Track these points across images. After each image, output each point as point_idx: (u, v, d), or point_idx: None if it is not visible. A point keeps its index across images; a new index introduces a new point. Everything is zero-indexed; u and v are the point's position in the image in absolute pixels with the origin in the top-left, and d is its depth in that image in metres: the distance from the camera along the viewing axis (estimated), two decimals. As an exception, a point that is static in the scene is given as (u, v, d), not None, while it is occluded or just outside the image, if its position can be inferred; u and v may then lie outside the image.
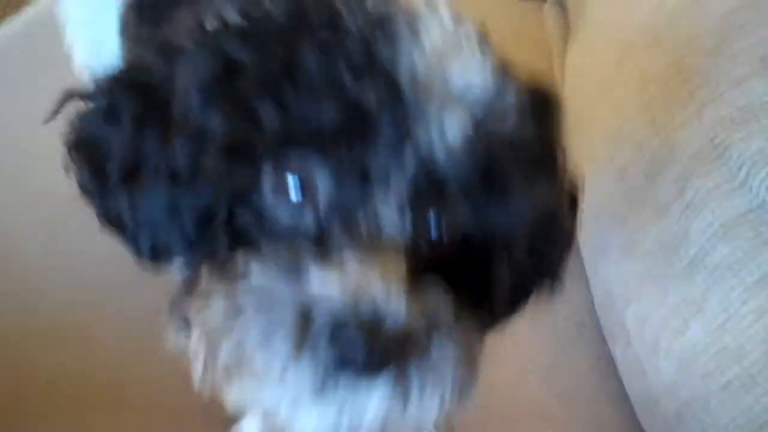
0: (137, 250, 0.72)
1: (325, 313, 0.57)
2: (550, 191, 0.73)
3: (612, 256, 1.26)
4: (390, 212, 0.64)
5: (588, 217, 1.37)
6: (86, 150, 0.72)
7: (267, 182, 0.66)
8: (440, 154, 0.64)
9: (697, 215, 1.09)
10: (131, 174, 0.69)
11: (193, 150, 0.66)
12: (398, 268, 0.61)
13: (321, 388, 0.58)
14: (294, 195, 0.65)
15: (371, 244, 0.62)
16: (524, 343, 1.34)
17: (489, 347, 1.29)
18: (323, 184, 0.65)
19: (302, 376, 0.58)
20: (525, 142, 0.68)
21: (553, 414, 1.25)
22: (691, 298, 1.07)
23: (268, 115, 0.63)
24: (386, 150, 0.63)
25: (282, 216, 0.66)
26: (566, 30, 2.13)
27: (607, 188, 1.29)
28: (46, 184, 1.59)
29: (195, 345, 0.63)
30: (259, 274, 0.61)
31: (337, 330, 0.57)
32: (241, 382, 0.61)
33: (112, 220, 0.73)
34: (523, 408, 1.25)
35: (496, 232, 0.69)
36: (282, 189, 0.66)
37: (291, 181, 0.65)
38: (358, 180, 0.64)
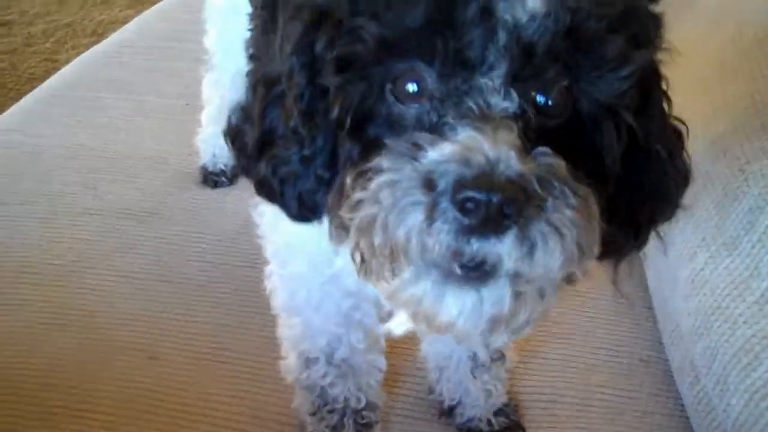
0: (287, 209, 0.84)
1: (445, 174, 0.63)
2: (643, 48, 0.74)
3: (681, 290, 1.23)
4: (494, 89, 0.69)
5: (656, 251, 1.35)
6: (234, 137, 0.87)
7: (385, 89, 0.74)
8: (525, 24, 0.68)
9: (769, 249, 1.07)
10: (266, 144, 0.82)
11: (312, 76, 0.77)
12: (509, 134, 0.66)
13: (457, 247, 0.63)
14: (411, 92, 0.73)
15: (482, 120, 0.67)
16: (589, 378, 1.32)
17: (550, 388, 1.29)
18: (430, 78, 0.72)
19: (438, 239, 0.63)
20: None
21: (617, 451, 1.22)
22: (763, 333, 1.04)
23: (366, 27, 0.71)
24: (476, 32, 0.68)
25: (404, 114, 0.73)
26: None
27: (676, 221, 1.26)
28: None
29: (353, 241, 0.70)
30: (386, 163, 0.67)
31: (458, 186, 0.62)
32: (393, 263, 0.67)
33: (262, 188, 0.85)
34: (586, 444, 1.23)
35: (599, 95, 0.73)
36: (400, 91, 0.73)
37: (408, 84, 0.73)
38: (459, 66, 0.70)
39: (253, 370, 1.30)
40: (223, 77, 1.68)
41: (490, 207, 0.61)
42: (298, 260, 1.04)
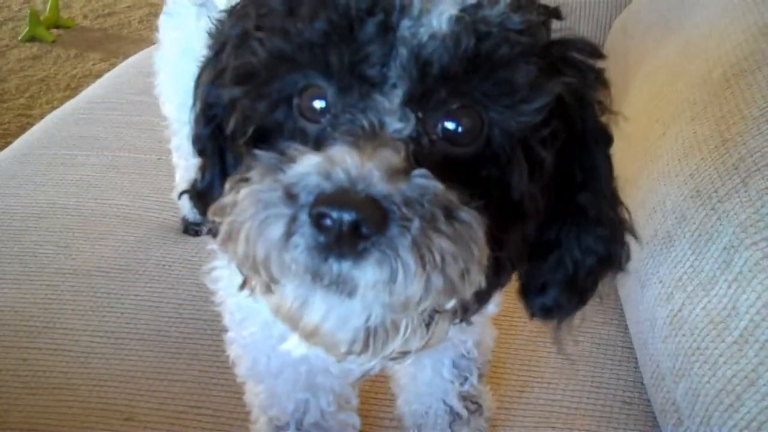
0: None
1: (305, 188, 0.61)
2: (556, 79, 0.70)
3: (660, 332, 1.23)
4: (390, 109, 0.67)
5: (634, 292, 1.35)
6: None
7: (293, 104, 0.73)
8: (426, 43, 0.66)
9: (746, 287, 1.06)
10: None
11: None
12: (391, 155, 0.64)
13: (314, 266, 0.61)
14: (318, 108, 0.72)
15: (368, 138, 0.65)
16: (573, 422, 1.30)
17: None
18: (330, 93, 0.70)
19: (294, 256, 0.61)
20: (522, 26, 0.69)
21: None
22: (744, 373, 1.03)
23: (264, 40, 0.70)
24: (374, 48, 0.67)
25: (307, 130, 0.73)
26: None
27: (653, 262, 1.26)
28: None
29: (221, 243, 0.68)
30: (253, 173, 0.66)
31: (316, 201, 0.60)
32: (258, 272, 0.66)
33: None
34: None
35: (509, 126, 0.70)
36: (305, 107, 0.72)
37: (314, 101, 0.72)
38: (358, 83, 0.68)
39: (232, 428, 1.27)
40: (183, 142, 1.67)
41: (344, 225, 0.59)
42: (252, 321, 1.01)
